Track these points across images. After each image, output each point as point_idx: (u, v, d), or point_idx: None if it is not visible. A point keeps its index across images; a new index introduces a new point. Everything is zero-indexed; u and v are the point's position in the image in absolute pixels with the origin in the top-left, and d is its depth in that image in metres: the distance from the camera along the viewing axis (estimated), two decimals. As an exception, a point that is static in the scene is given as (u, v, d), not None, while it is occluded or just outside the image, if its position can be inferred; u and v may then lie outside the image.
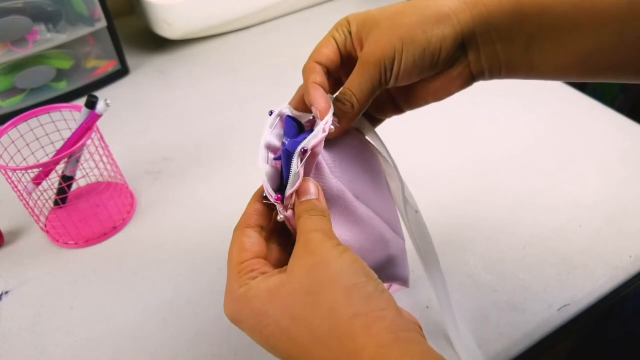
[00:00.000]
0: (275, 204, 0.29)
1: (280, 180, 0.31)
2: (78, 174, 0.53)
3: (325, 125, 0.29)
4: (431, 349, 0.24)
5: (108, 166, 0.53)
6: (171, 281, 0.48)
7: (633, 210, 0.52)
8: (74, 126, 0.49)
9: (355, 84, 0.31)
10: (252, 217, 0.31)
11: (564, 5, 0.28)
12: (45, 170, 0.51)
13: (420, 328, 0.26)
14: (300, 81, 0.32)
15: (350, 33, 0.32)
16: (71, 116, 0.51)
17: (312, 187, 0.29)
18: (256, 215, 0.31)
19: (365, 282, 0.25)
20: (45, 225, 0.53)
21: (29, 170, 0.47)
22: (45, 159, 0.51)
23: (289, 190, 0.29)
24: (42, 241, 0.53)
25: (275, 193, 0.29)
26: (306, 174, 0.30)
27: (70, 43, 0.69)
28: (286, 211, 0.29)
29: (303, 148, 0.28)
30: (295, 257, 0.27)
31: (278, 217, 0.30)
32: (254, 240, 0.30)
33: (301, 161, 0.28)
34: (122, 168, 0.56)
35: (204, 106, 0.71)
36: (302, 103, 0.32)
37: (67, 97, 0.72)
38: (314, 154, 0.29)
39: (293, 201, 0.29)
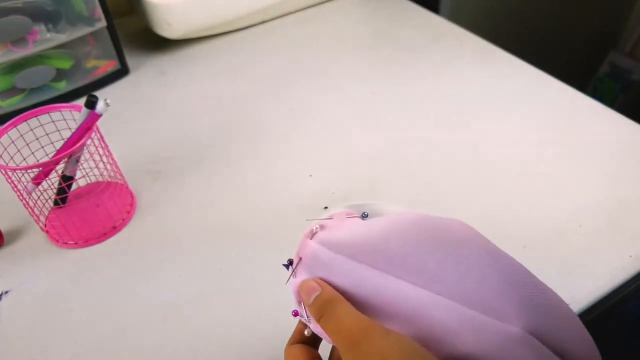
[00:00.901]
0: (301, 319, 0.31)
1: None
2: (78, 174, 0.53)
3: (306, 232, 0.31)
4: None
5: (108, 166, 0.53)
6: (171, 281, 0.48)
7: (633, 210, 0.52)
8: (74, 126, 0.49)
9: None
10: (294, 336, 0.32)
11: None
12: (45, 170, 0.51)
13: None
14: (298, 82, 0.32)
15: None
16: (71, 116, 0.51)
17: (312, 283, 0.29)
18: (298, 335, 0.32)
19: None
20: (45, 225, 0.53)
21: (29, 170, 0.47)
22: (45, 159, 0.51)
23: (295, 299, 0.31)
24: (42, 241, 0.53)
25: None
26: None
27: (70, 43, 0.69)
28: (311, 323, 0.30)
29: (289, 260, 0.31)
30: None
31: (306, 332, 0.31)
32: (304, 349, 0.30)
33: (293, 271, 0.30)
34: (122, 168, 0.56)
35: (204, 106, 0.71)
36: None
37: (67, 97, 0.72)
38: (303, 259, 0.30)
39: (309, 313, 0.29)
